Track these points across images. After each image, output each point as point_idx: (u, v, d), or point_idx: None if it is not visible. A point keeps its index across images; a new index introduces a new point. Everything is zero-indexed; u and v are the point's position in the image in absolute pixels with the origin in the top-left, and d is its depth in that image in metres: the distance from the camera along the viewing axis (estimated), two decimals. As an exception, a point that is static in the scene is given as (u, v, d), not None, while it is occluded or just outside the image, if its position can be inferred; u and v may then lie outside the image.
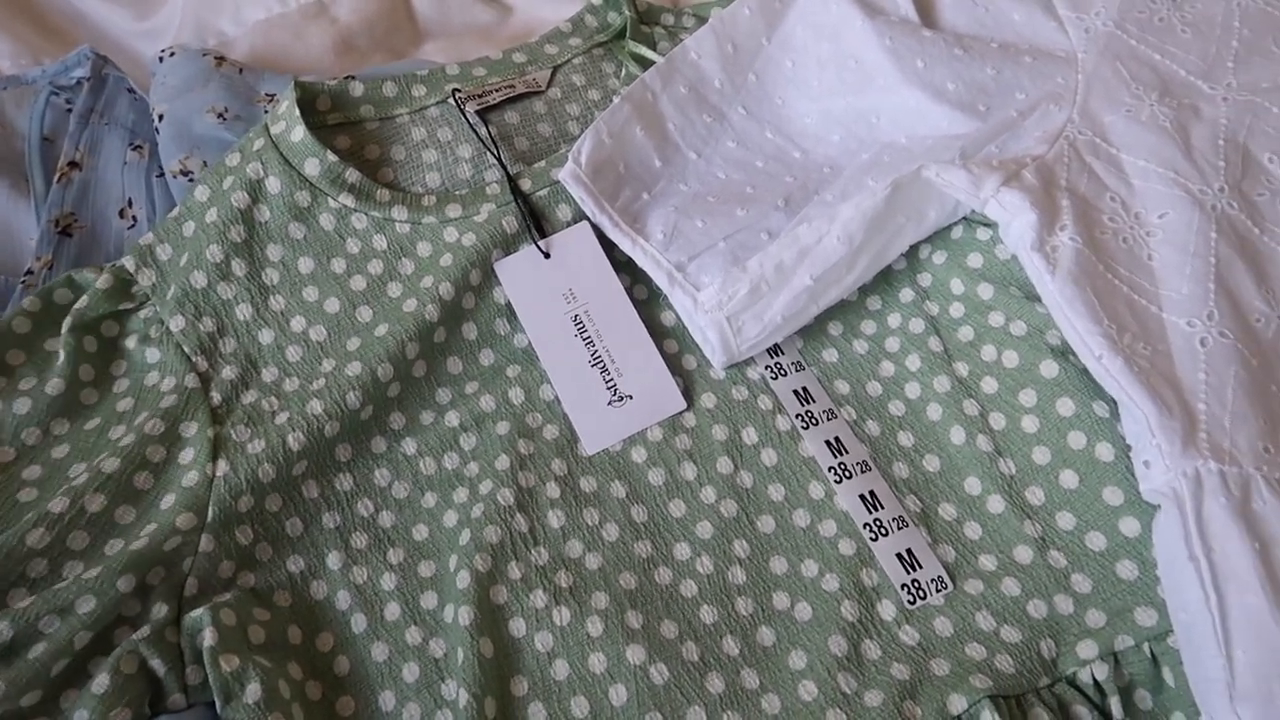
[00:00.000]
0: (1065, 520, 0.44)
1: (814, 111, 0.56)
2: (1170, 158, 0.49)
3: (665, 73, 0.56)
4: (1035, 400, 0.46)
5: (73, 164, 0.56)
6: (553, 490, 0.46)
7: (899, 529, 0.45)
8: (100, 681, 0.40)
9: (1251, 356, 0.44)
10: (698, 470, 0.47)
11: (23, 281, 0.53)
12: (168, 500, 0.44)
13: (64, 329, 0.48)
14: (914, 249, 0.53)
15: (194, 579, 0.43)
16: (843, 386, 0.50)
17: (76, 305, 0.49)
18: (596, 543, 0.45)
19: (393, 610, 0.45)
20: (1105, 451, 0.44)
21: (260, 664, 0.41)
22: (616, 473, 0.47)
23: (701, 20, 0.62)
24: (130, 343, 0.49)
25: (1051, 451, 0.45)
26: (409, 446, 0.48)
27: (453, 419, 0.49)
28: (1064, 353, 0.47)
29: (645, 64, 0.58)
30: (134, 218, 0.55)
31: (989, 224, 0.51)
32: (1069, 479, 0.45)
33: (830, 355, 0.51)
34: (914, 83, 0.54)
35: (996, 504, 0.45)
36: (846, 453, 0.47)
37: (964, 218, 0.52)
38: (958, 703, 0.40)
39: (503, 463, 0.47)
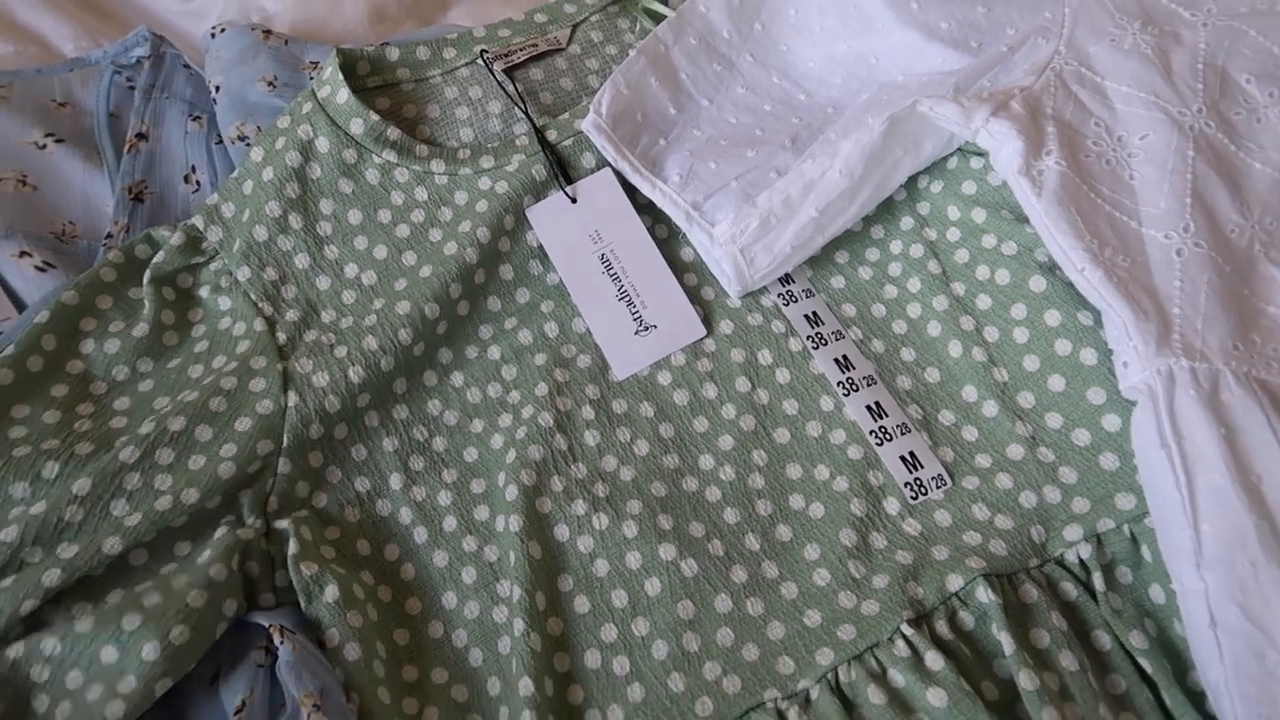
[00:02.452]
0: (1054, 420, 0.49)
1: (817, 56, 0.60)
2: (1151, 82, 0.52)
3: (676, 26, 0.59)
4: (1025, 313, 0.51)
5: (140, 136, 0.61)
6: (588, 413, 0.51)
7: (902, 434, 0.50)
8: (217, 570, 0.45)
9: (1225, 264, 0.48)
10: (718, 390, 0.52)
11: (103, 244, 0.58)
12: (244, 423, 0.49)
13: (145, 281, 0.54)
14: (913, 179, 0.56)
15: (275, 498, 0.49)
16: (849, 309, 0.54)
17: (155, 260, 0.54)
18: (629, 457, 0.50)
19: (450, 523, 0.50)
20: (1089, 356, 0.48)
21: (335, 570, 0.47)
22: (645, 395, 0.52)
23: (710, -26, 0.65)
24: (204, 292, 0.55)
25: (1040, 359, 0.50)
26: (457, 379, 0.53)
27: (494, 352, 0.54)
28: (1051, 268, 0.51)
29: (658, 19, 0.62)
30: (198, 182, 0.61)
31: (981, 153, 0.55)
32: (1056, 383, 0.49)
33: (838, 281, 0.55)
34: (909, 24, 0.57)
35: (991, 409, 0.50)
36: (853, 368, 0.52)
37: (959, 148, 0.56)
38: (955, 581, 0.45)
39: (541, 389, 0.52)
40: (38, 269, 0.56)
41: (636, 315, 0.54)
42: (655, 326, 0.54)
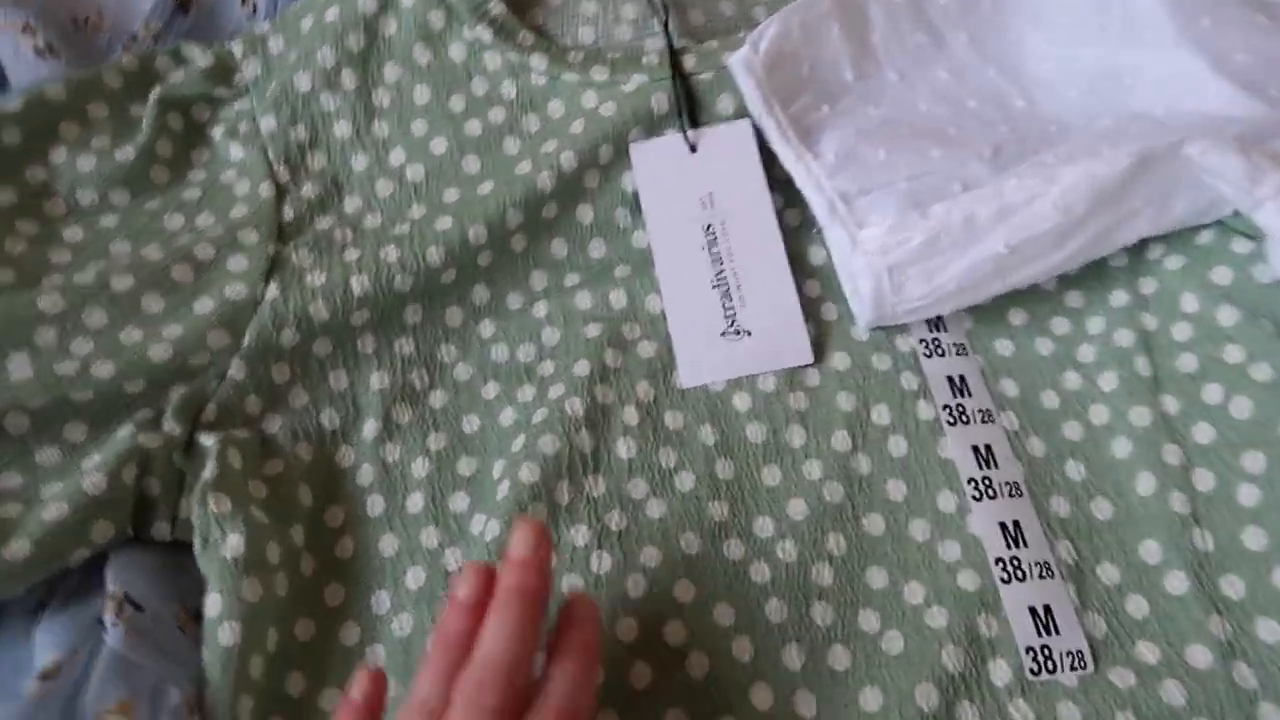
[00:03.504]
0: (1268, 630, 0.34)
1: (1054, 57, 0.46)
2: None
3: (888, -31, 0.46)
4: (1264, 467, 0.35)
5: (209, -66, 0.51)
6: (630, 415, 0.38)
7: (1040, 577, 0.35)
8: (95, 482, 0.35)
9: None
10: (807, 438, 0.38)
11: (123, 44, 0.47)
12: (204, 305, 0.39)
13: (151, 99, 0.43)
14: (1141, 245, 0.42)
15: (215, 405, 0.38)
16: (1010, 387, 0.40)
17: (172, 79, 0.44)
18: (665, 489, 0.37)
19: (415, 502, 0.38)
20: (1348, 555, 0.33)
21: (254, 518, 0.36)
22: (710, 415, 0.39)
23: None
24: (216, 133, 0.44)
25: (1270, 537, 0.35)
26: (486, 328, 0.41)
27: (541, 309, 0.41)
28: (1320, 416, 0.35)
29: (865, -40, 0.49)
30: (255, 6, 0.49)
31: (1252, 235, 0.40)
32: (1286, 577, 0.34)
33: (1004, 347, 0.41)
34: (1193, 45, 0.43)
35: (1178, 583, 0.35)
36: (995, 466, 0.38)
37: (1219, 221, 0.41)
38: (1066, 817, 0.30)
39: (582, 368, 0.39)
40: (36, 51, 0.46)
41: (730, 312, 0.41)
42: (749, 333, 0.40)
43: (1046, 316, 0.41)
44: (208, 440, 0.37)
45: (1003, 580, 0.35)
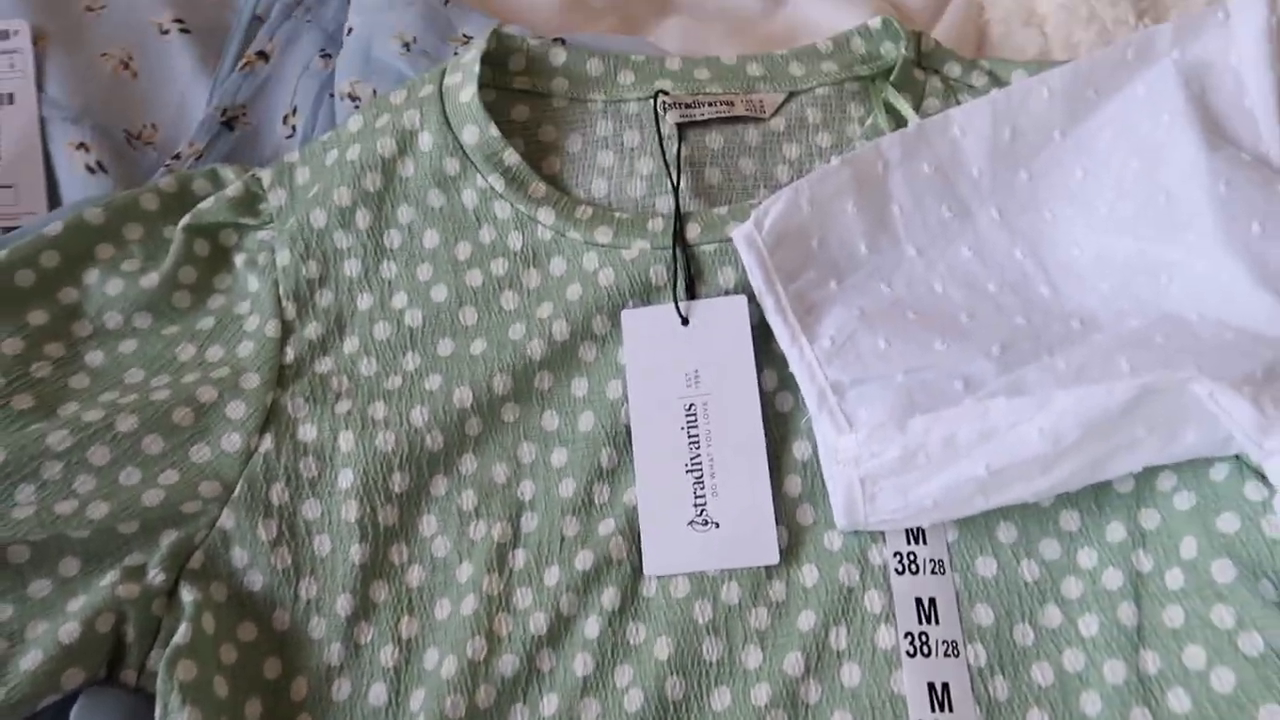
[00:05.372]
0: None
1: (1089, 244, 0.43)
2: None
3: (911, 143, 0.44)
4: (1238, 755, 0.33)
5: (261, 55, 0.52)
6: (592, 628, 0.38)
7: (978, 841, 0.34)
8: (69, 630, 0.37)
9: None
10: (762, 660, 0.37)
11: (166, 165, 0.50)
12: (200, 453, 0.41)
13: (180, 225, 0.45)
14: (1153, 472, 0.39)
15: (202, 554, 0.40)
16: (984, 615, 0.38)
17: (200, 205, 0.46)
18: (614, 710, 0.37)
19: (378, 694, 0.38)
20: None
21: (214, 693, 0.37)
22: (669, 626, 0.38)
23: (997, 81, 0.49)
24: (239, 260, 0.46)
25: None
26: (468, 500, 0.41)
27: (526, 491, 0.41)
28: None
29: (898, 122, 0.47)
30: (294, 128, 0.51)
31: (1267, 479, 0.37)
32: None
33: (985, 567, 0.39)
34: (1236, 249, 0.40)
35: None
36: (949, 710, 0.36)
37: (1237, 455, 0.38)
38: None
39: (552, 577, 0.39)
40: (88, 169, 0.49)
41: (700, 500, 0.40)
42: (716, 525, 0.40)
43: (1037, 537, 0.39)
44: (188, 595, 0.38)
45: (936, 843, 0.34)
